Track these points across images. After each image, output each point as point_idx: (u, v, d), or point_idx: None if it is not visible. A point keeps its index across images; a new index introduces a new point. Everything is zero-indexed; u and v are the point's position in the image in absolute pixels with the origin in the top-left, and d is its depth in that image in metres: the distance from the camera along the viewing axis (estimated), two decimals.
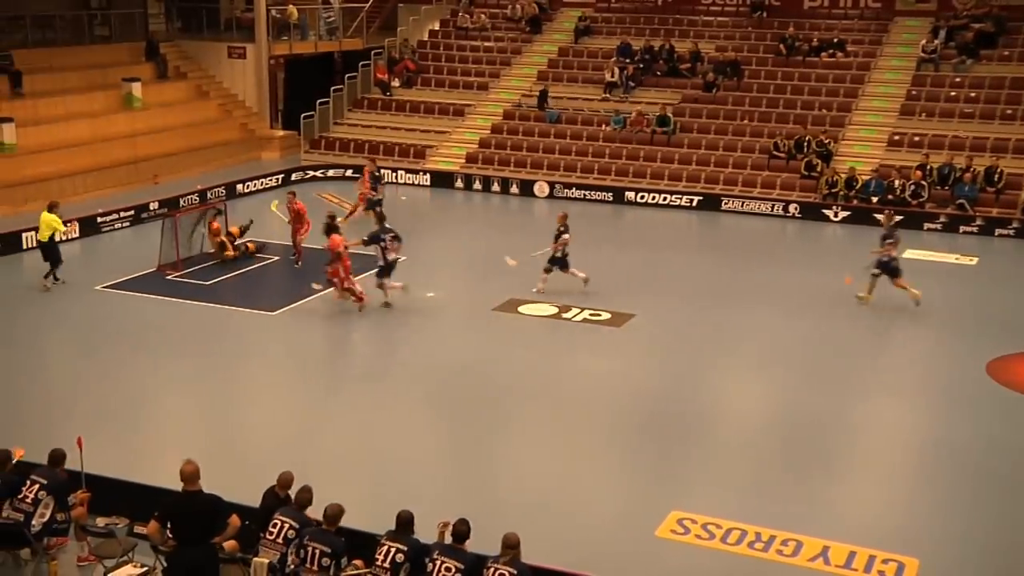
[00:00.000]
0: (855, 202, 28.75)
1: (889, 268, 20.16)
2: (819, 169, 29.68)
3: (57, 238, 20.84)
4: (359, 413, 15.22)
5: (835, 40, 34.15)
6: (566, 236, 20.77)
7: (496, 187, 31.60)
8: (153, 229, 23.61)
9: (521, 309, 19.75)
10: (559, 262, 20.83)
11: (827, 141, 30.44)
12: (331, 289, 19.50)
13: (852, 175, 29.18)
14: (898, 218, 22.17)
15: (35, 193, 27.46)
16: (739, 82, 33.55)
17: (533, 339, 18.48)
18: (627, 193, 30.13)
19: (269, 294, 20.70)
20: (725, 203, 29.26)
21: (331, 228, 19.61)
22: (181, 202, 27.21)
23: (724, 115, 32.44)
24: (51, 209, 21.08)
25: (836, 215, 28.43)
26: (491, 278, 21.63)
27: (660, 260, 23.85)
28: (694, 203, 29.61)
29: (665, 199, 29.82)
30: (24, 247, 23.84)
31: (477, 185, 31.72)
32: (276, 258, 23.15)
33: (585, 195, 30.24)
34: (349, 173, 32.35)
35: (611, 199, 30.05)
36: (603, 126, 32.88)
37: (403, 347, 18.29)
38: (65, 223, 22.87)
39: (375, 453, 13.43)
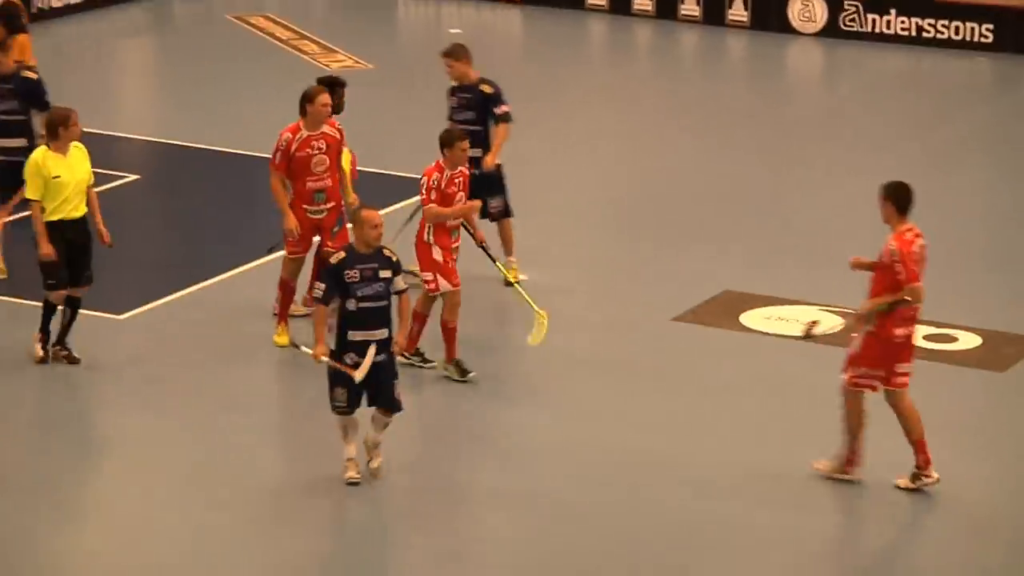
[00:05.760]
0: None
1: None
2: None
3: None
4: None
5: None
6: None
7: (689, 5, 25.75)
8: None
9: (746, 319, 16.92)
10: None
11: None
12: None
13: None
14: None
15: None
16: None
17: (793, 401, 14.76)
18: None
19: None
20: None
21: None
22: None
23: None
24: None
25: None
26: (669, 241, 18.62)
27: None
28: None
29: None
30: None
31: (642, 1, 26.40)
32: None
33: (952, 35, 23.93)
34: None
35: None
36: None
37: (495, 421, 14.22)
38: None
39: None
